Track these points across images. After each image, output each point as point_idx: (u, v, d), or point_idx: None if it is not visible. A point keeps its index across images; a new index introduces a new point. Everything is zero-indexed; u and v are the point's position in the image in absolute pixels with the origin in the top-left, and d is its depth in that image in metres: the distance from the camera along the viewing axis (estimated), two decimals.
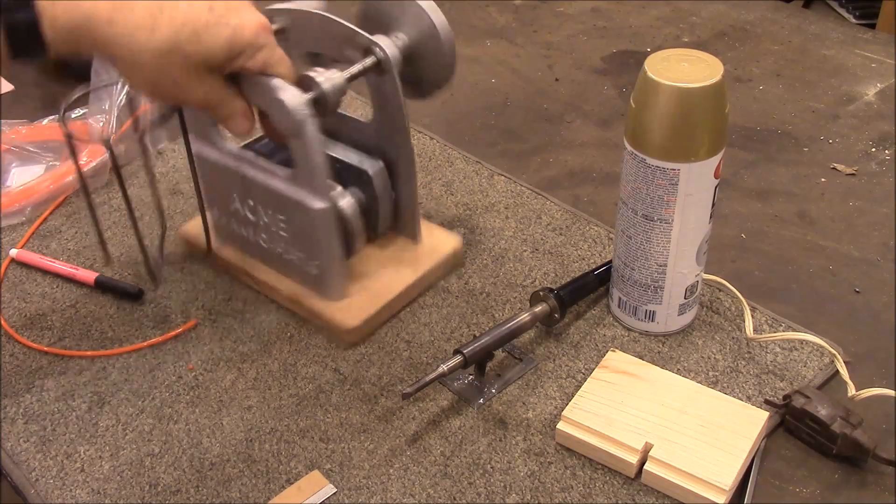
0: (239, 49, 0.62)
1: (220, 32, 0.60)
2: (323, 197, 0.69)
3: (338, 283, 0.75)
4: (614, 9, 1.29)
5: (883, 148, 0.97)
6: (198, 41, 0.60)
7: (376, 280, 0.77)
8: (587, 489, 0.62)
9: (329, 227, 0.71)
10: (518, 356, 0.73)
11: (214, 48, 0.61)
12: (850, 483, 0.63)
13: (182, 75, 0.61)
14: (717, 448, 0.62)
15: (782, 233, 0.86)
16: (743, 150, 0.97)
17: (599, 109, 1.06)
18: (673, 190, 0.65)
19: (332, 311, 0.74)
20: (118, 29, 0.58)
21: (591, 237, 0.85)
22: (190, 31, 0.59)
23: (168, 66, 0.60)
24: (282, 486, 0.64)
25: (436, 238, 0.81)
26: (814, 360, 0.71)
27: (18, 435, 0.68)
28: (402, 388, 0.69)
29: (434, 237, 0.81)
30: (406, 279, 0.77)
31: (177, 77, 0.61)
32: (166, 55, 0.59)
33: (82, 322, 0.78)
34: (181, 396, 0.71)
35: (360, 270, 0.78)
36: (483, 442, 0.66)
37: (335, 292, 0.75)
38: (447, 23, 0.72)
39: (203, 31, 0.60)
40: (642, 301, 0.72)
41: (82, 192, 0.75)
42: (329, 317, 0.74)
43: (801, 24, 1.22)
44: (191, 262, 0.84)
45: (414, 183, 0.76)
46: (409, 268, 0.78)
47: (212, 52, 0.61)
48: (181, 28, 0.59)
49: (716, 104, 0.63)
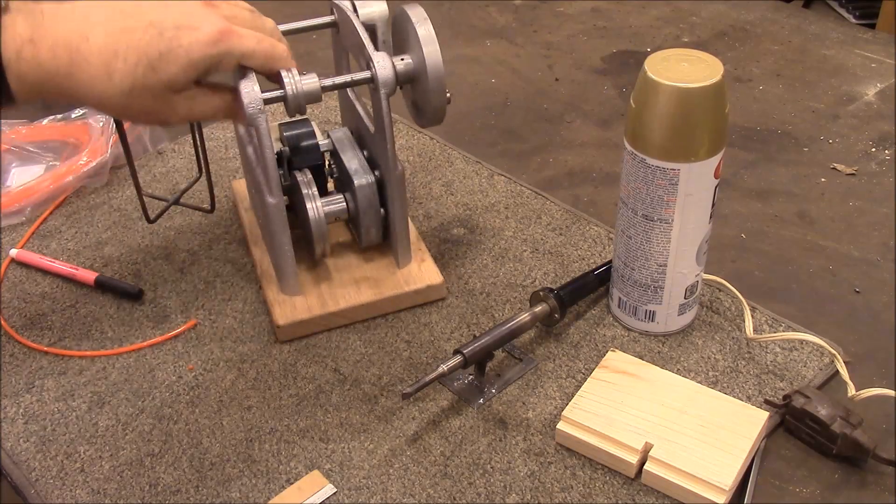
0: (202, 66, 0.62)
1: (176, 58, 0.60)
2: (274, 192, 0.70)
3: (289, 278, 0.75)
4: (614, 9, 1.29)
5: (883, 148, 0.97)
6: (155, 73, 0.60)
7: (334, 288, 0.77)
8: (587, 489, 0.62)
9: (280, 222, 0.71)
10: (518, 356, 0.73)
11: (173, 75, 0.61)
12: (850, 483, 0.63)
13: (154, 104, 0.62)
14: (717, 448, 0.62)
15: (782, 233, 0.86)
16: (743, 150, 0.97)
17: (599, 109, 1.06)
18: (673, 190, 0.65)
19: (274, 304, 0.76)
20: (78, 81, 0.60)
21: (591, 237, 0.85)
22: (146, 67, 0.60)
23: (136, 101, 0.61)
24: (282, 486, 0.64)
25: (422, 269, 0.78)
26: (814, 360, 0.71)
27: (18, 435, 0.68)
28: (402, 388, 0.69)
29: (420, 268, 0.78)
30: (361, 298, 0.76)
31: (150, 107, 0.62)
32: (129, 95, 0.60)
33: (82, 322, 0.78)
34: (181, 396, 0.71)
35: (331, 275, 0.78)
36: (483, 442, 0.66)
37: (287, 287, 0.76)
38: (439, 57, 0.69)
39: (157, 62, 0.60)
40: (642, 301, 0.72)
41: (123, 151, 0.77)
42: (269, 307, 0.76)
43: (801, 24, 1.22)
44: (190, 263, 0.84)
45: (401, 206, 0.75)
46: (373, 288, 0.76)
47: (173, 78, 0.61)
48: (136, 67, 0.60)
49: (716, 104, 0.63)
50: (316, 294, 0.76)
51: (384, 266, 0.79)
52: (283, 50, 0.66)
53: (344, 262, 0.79)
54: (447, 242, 0.85)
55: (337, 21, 0.76)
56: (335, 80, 0.69)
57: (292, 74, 0.66)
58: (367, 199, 0.75)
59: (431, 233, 0.86)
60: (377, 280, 0.77)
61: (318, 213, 0.74)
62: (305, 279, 0.78)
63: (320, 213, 0.74)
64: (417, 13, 0.69)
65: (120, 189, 0.94)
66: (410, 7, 0.70)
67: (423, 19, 0.69)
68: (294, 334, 0.75)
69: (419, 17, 0.69)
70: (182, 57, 0.60)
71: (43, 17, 0.59)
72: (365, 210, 0.75)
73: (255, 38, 0.64)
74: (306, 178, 0.75)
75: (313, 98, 0.67)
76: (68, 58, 0.59)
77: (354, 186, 0.74)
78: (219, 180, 0.94)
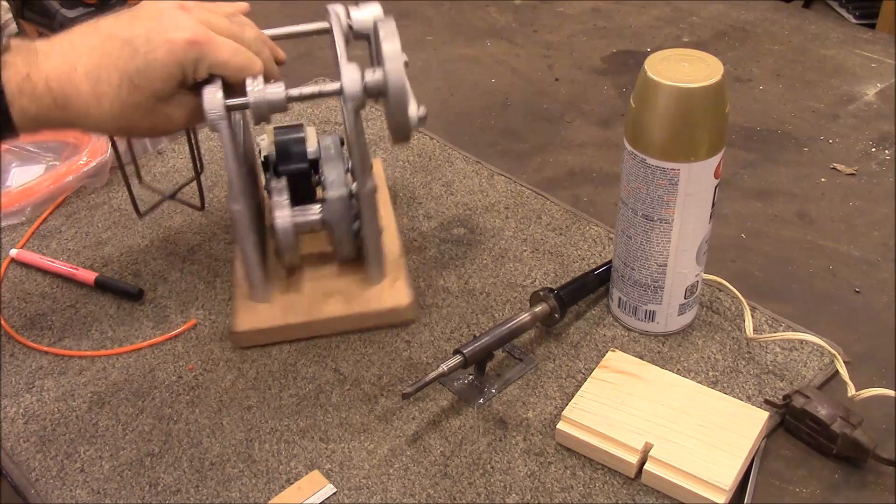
0: (178, 72, 0.62)
1: (153, 71, 0.61)
2: (237, 198, 0.69)
3: (255, 284, 0.74)
4: (614, 9, 1.29)
5: (883, 148, 0.97)
6: (138, 89, 0.62)
7: (300, 299, 0.76)
8: (587, 489, 0.62)
9: (245, 227, 0.71)
10: (518, 356, 0.73)
11: (156, 86, 0.62)
12: (850, 483, 0.63)
13: (149, 118, 0.63)
14: (717, 448, 0.62)
15: (782, 233, 0.86)
16: (743, 150, 0.97)
17: (599, 109, 1.06)
18: (673, 190, 0.65)
19: (237, 308, 0.75)
20: (74, 111, 0.61)
21: (591, 237, 0.85)
22: (128, 85, 0.61)
23: (130, 120, 0.63)
24: (282, 486, 0.64)
25: (394, 289, 0.76)
26: (814, 360, 0.71)
27: (18, 435, 0.68)
28: (402, 388, 0.69)
29: (392, 287, 0.76)
30: (325, 313, 0.74)
31: (146, 122, 0.64)
32: (121, 116, 0.62)
33: (82, 322, 0.78)
34: (181, 396, 0.71)
35: (303, 285, 0.77)
36: (483, 442, 0.66)
37: (254, 292, 0.75)
38: (402, 74, 0.66)
39: (137, 78, 0.61)
40: (642, 301, 0.72)
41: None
42: (232, 311, 0.75)
43: (801, 24, 1.22)
44: (190, 263, 0.84)
45: (371, 222, 0.73)
46: (339, 304, 0.75)
47: (157, 90, 0.62)
48: (119, 88, 0.61)
49: (716, 104, 0.63)
50: (282, 303, 0.75)
51: (358, 282, 0.77)
52: (258, 67, 0.65)
53: (321, 272, 0.78)
54: (447, 242, 0.85)
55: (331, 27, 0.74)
56: (302, 91, 0.68)
57: (257, 83, 0.65)
58: (338, 213, 0.73)
59: (431, 233, 0.86)
60: (347, 295, 0.75)
61: (285, 222, 0.72)
62: (278, 286, 0.76)
63: (287, 222, 0.72)
64: (387, 28, 0.67)
65: (120, 189, 0.94)
66: (382, 21, 0.68)
67: (391, 35, 0.66)
68: (253, 342, 0.74)
69: (387, 32, 0.66)
70: (158, 69, 0.61)
71: (37, 54, 0.61)
72: (336, 223, 0.73)
73: (231, 50, 0.64)
74: (280, 185, 0.74)
75: (277, 108, 0.67)
76: (61, 90, 0.61)
77: (326, 198, 0.73)
78: (219, 180, 0.94)
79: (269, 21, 0.74)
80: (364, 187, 0.71)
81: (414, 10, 1.29)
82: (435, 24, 1.27)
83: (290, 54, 0.74)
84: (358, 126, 0.68)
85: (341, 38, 0.70)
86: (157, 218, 0.89)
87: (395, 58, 0.65)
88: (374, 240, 0.74)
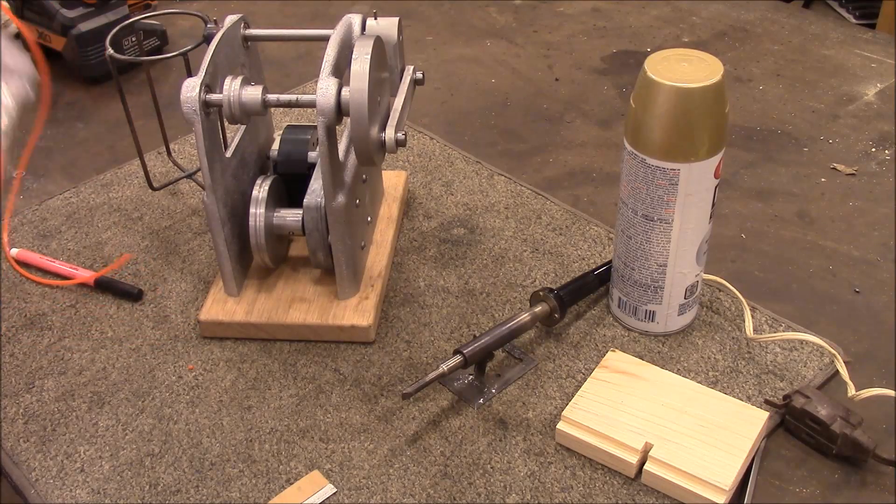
0: None
1: None
2: (210, 192, 0.70)
3: (226, 277, 0.75)
4: (614, 9, 1.29)
5: (883, 148, 0.97)
6: None
7: (267, 300, 0.76)
8: (587, 489, 0.62)
9: (215, 222, 0.71)
10: (518, 356, 0.73)
11: None
12: (850, 483, 0.63)
13: None
14: (717, 448, 0.62)
15: (782, 233, 0.86)
16: (743, 150, 0.97)
17: (599, 109, 1.06)
18: (673, 190, 0.65)
19: (208, 301, 0.76)
20: None
21: (591, 237, 0.85)
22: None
23: None
24: (282, 486, 0.64)
25: (359, 307, 0.75)
26: (814, 360, 0.71)
27: (18, 435, 0.68)
28: (402, 388, 0.69)
29: (359, 305, 0.75)
30: (285, 318, 0.74)
31: None
32: None
33: (82, 322, 0.78)
34: (181, 396, 0.71)
35: (276, 286, 0.77)
36: (483, 442, 0.66)
37: (226, 287, 0.76)
38: (364, 97, 0.64)
39: None
40: (642, 301, 0.72)
41: None
42: (203, 304, 0.76)
43: (801, 24, 1.22)
44: (190, 263, 0.84)
45: (338, 239, 0.72)
46: (301, 312, 0.75)
47: None
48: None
49: (716, 104, 0.63)
50: (248, 301, 0.75)
51: (329, 293, 0.76)
52: None
53: (299, 278, 0.78)
54: (447, 242, 0.85)
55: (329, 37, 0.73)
56: (280, 97, 0.68)
57: (234, 83, 0.66)
58: (312, 221, 0.73)
59: (431, 233, 0.86)
60: (314, 305, 0.75)
61: (257, 221, 0.73)
62: (252, 284, 0.77)
63: (259, 222, 0.73)
64: (361, 47, 0.66)
65: (120, 189, 0.94)
66: (361, 39, 0.67)
67: (364, 55, 0.65)
68: (215, 333, 0.75)
69: (360, 51, 0.66)
70: None
71: None
72: (310, 231, 0.73)
73: None
74: (264, 184, 0.74)
75: (252, 110, 0.67)
76: None
77: (302, 205, 0.73)
78: None
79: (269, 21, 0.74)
80: (332, 202, 0.70)
81: (414, 10, 1.29)
82: (435, 24, 1.27)
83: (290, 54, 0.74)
84: (330, 140, 0.67)
85: (334, 50, 0.69)
86: (158, 218, 0.89)
87: (361, 78, 0.64)
88: (345, 254, 0.73)
